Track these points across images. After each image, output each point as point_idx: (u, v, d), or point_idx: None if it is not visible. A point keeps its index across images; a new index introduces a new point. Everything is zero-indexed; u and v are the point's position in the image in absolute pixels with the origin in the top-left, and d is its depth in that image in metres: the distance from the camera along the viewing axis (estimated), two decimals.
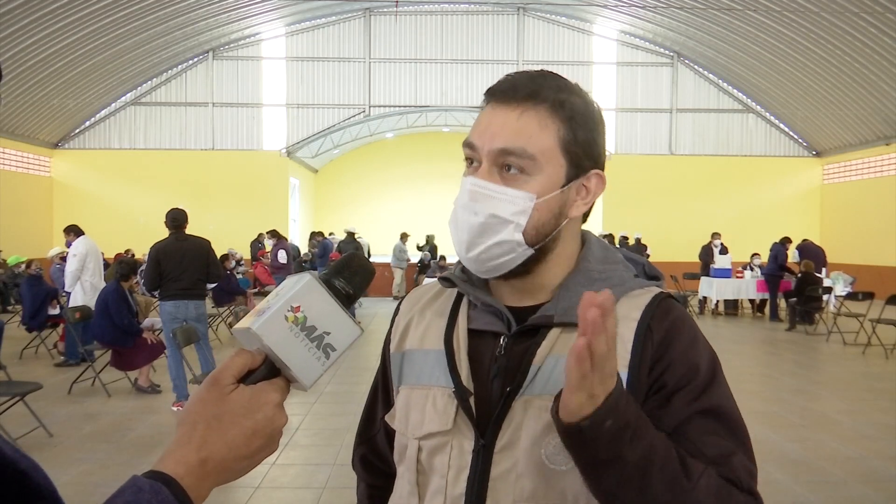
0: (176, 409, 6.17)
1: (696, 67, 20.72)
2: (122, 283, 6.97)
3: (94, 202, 19.49)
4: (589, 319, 0.68)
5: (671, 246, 18.58)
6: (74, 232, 8.26)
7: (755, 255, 14.37)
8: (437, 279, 1.08)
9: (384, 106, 20.87)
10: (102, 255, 8.56)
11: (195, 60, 20.27)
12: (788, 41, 16.55)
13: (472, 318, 0.99)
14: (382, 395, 1.12)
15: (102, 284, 7.72)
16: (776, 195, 20.66)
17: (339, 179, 25.34)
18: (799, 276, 12.00)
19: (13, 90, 15.74)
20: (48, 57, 15.37)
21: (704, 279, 13.88)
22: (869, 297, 10.40)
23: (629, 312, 0.92)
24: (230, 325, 10.79)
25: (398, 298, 16.58)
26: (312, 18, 20.38)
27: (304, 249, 17.41)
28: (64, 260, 9.50)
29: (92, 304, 7.31)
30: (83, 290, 7.93)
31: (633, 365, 0.89)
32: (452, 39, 20.78)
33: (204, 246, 6.41)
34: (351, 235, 14.72)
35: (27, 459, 0.56)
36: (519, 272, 0.94)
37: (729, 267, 13.78)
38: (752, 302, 14.13)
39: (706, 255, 14.25)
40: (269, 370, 0.74)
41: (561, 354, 0.89)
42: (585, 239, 1.01)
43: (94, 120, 20.04)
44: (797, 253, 13.40)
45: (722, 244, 14.39)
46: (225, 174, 19.97)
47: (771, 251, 13.08)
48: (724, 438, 0.87)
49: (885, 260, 17.04)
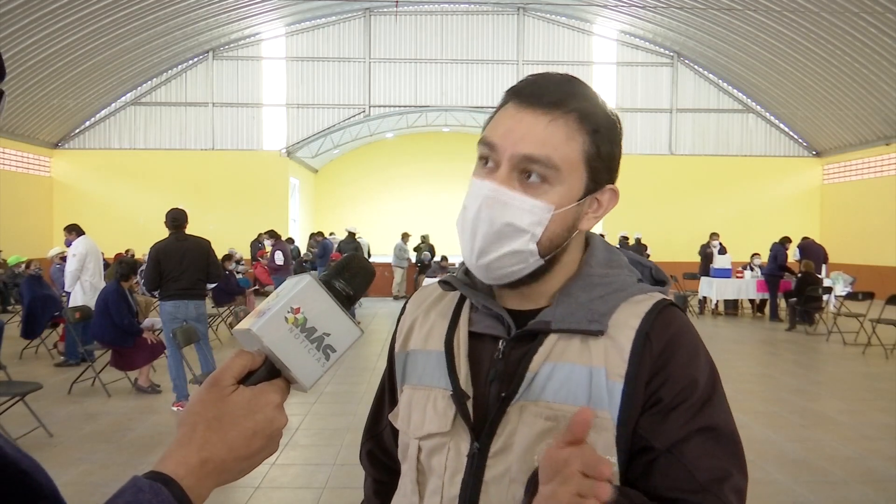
0: (176, 409, 6.17)
1: (696, 67, 20.72)
2: (122, 283, 6.97)
3: (93, 202, 19.49)
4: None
5: (671, 246, 18.61)
6: (75, 231, 8.25)
7: (755, 255, 14.36)
8: (437, 281, 1.08)
9: (384, 106, 20.87)
10: (102, 254, 8.55)
11: (195, 60, 20.28)
12: (788, 41, 16.55)
13: (473, 320, 0.99)
14: (389, 393, 1.12)
15: (102, 284, 7.71)
16: (776, 195, 20.66)
17: (339, 179, 25.32)
18: (799, 276, 12.00)
19: (13, 90, 15.73)
20: (48, 57, 15.37)
21: (704, 279, 13.89)
22: (869, 297, 10.40)
23: (628, 320, 0.90)
24: (230, 325, 10.79)
25: (398, 298, 16.60)
26: (312, 18, 20.39)
27: (303, 250, 17.40)
28: (64, 260, 9.49)
29: (92, 304, 7.31)
30: (83, 290, 7.93)
31: (629, 376, 0.87)
32: (452, 39, 20.78)
33: (204, 246, 6.41)
34: (351, 235, 14.72)
35: (29, 459, 0.56)
36: (526, 281, 0.94)
37: (729, 267, 13.77)
38: (752, 302, 14.13)
39: (704, 255, 14.28)
40: (269, 371, 0.75)
41: (557, 361, 0.89)
42: (590, 241, 1.00)
43: (94, 120, 20.05)
44: (798, 251, 13.41)
45: (721, 244, 14.39)
46: (225, 174, 19.97)
47: (771, 251, 13.08)
48: (720, 459, 0.86)
49: (885, 260, 17.04)
